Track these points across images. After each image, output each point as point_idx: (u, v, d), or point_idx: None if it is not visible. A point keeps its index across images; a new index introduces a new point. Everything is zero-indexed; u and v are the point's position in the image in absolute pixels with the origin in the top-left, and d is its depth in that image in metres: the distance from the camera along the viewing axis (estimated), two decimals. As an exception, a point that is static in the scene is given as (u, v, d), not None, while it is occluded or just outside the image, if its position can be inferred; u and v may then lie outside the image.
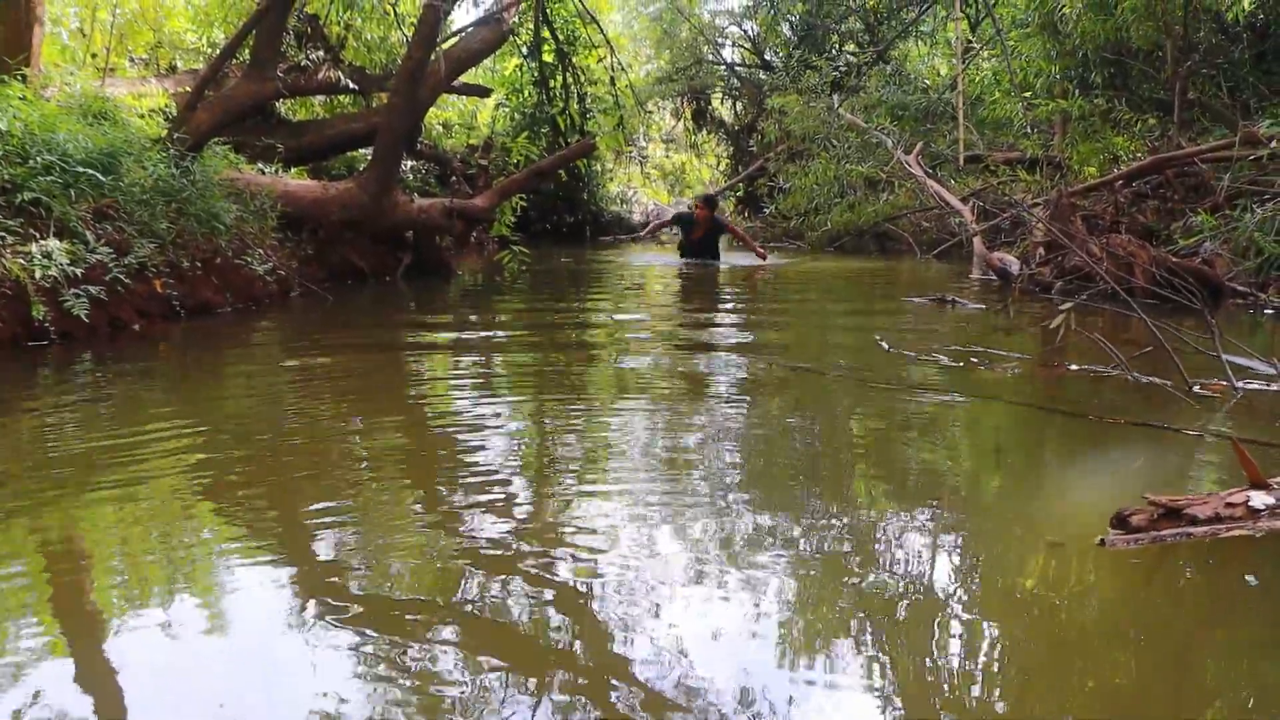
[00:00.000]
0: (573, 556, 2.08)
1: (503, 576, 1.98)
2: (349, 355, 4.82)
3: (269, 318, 6.05)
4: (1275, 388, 3.63)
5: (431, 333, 5.79)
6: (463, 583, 1.96)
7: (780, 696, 1.51)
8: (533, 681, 1.55)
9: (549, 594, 1.90)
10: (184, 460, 2.82)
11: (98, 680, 1.58)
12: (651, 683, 1.55)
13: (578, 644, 1.70)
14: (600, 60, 12.79)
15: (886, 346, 4.74)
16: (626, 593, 1.89)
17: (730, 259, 11.54)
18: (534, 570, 2.01)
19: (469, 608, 1.85)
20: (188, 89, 7.72)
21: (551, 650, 1.67)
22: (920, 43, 19.41)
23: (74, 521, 2.35)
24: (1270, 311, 6.05)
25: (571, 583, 1.95)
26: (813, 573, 1.99)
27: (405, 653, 1.65)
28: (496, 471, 2.77)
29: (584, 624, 1.77)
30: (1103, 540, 1.99)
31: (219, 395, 3.92)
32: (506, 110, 16.08)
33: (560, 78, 12.94)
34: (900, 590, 1.91)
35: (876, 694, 1.54)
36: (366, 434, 3.21)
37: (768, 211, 17.39)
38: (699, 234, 11.18)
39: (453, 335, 5.62)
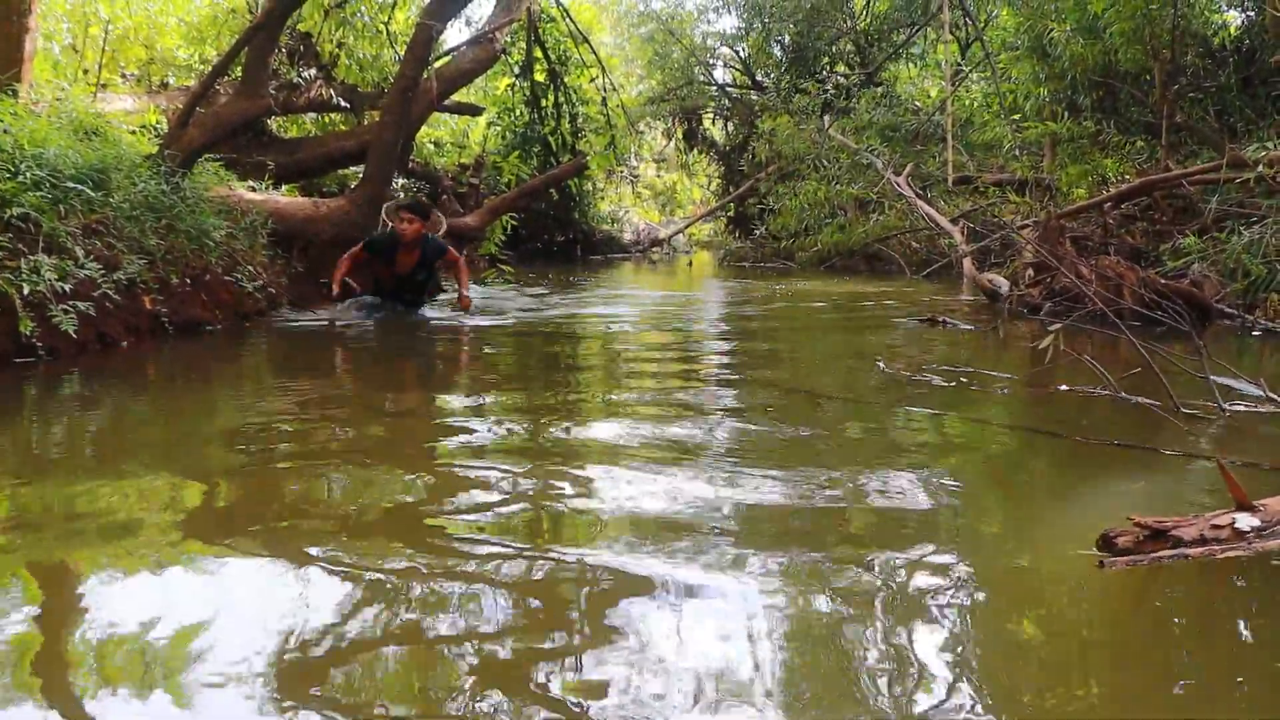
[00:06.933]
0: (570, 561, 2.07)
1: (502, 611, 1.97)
2: (338, 374, 4.80)
3: (258, 335, 6.02)
4: (1262, 409, 3.64)
5: (421, 345, 5.78)
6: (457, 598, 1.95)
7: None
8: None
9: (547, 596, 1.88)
10: (169, 482, 2.80)
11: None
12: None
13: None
14: (592, 80, 12.86)
15: (883, 366, 4.75)
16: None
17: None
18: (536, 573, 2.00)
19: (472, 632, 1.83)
20: (179, 105, 7.71)
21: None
22: (910, 65, 19.56)
23: (54, 543, 2.32)
24: (1258, 333, 6.08)
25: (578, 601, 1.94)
26: (801, 596, 1.98)
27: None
28: (490, 498, 2.75)
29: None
30: (1102, 562, 1.99)
31: (207, 417, 3.89)
32: (498, 129, 16.16)
33: (552, 97, 12.99)
34: (889, 599, 1.90)
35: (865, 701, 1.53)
36: (354, 458, 3.19)
37: (758, 232, 17.47)
38: (407, 263, 7.11)
39: (443, 350, 5.61)
